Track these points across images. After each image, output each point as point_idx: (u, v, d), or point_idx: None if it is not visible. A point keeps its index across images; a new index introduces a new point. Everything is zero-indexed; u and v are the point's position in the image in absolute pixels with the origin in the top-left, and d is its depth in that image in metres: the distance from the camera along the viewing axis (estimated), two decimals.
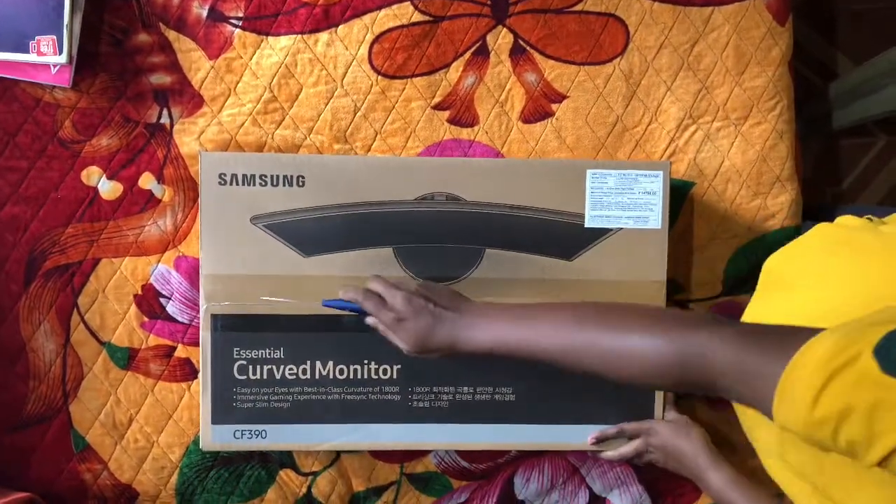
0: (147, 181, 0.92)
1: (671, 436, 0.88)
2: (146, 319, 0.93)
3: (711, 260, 1.00)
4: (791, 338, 0.48)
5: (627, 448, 0.92)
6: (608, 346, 0.61)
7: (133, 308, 0.92)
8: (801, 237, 0.76)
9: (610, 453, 0.93)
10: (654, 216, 0.90)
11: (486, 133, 0.97)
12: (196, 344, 0.91)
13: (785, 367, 0.46)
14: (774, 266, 0.75)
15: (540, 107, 0.98)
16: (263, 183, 0.86)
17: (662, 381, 0.59)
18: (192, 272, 0.92)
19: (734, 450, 0.97)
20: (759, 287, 0.77)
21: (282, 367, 0.88)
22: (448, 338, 0.71)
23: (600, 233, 0.89)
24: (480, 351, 0.70)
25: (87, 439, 0.93)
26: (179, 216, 0.93)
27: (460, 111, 0.97)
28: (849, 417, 0.42)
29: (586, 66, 0.98)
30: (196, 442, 0.92)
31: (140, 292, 0.92)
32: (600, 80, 0.98)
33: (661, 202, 0.89)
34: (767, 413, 0.48)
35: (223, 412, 0.88)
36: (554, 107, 0.98)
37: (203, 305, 0.87)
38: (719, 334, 0.54)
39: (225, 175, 0.86)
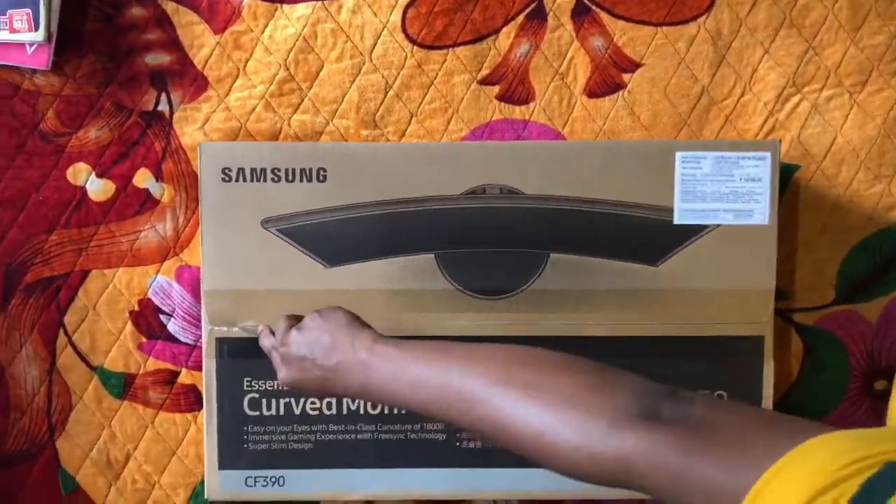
0: (143, 179, 0.83)
1: None
2: (144, 340, 0.84)
3: (821, 260, 0.87)
4: (754, 444, 0.42)
5: None
6: (506, 408, 0.52)
7: (129, 327, 0.84)
8: None
9: None
10: (759, 209, 0.77)
11: (544, 111, 0.85)
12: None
13: (746, 491, 0.39)
14: None
15: (608, 77, 0.85)
16: (277, 178, 0.76)
17: (581, 478, 0.50)
18: (196, 284, 0.83)
19: None
20: None
21: (302, 400, 0.79)
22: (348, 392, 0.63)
23: (693, 231, 0.77)
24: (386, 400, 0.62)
25: (78, 480, 0.84)
26: (181, 219, 0.84)
27: (512, 85, 0.85)
28: None
29: (664, 27, 0.85)
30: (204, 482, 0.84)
31: (137, 308, 0.84)
32: (682, 44, 0.85)
33: (769, 192, 0.77)
34: None
35: (232, 455, 0.79)
36: (626, 77, 0.85)
37: (206, 328, 0.78)
38: (652, 435, 0.46)
39: (230, 170, 0.76)
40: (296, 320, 0.67)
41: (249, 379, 0.78)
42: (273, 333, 0.69)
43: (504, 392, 0.52)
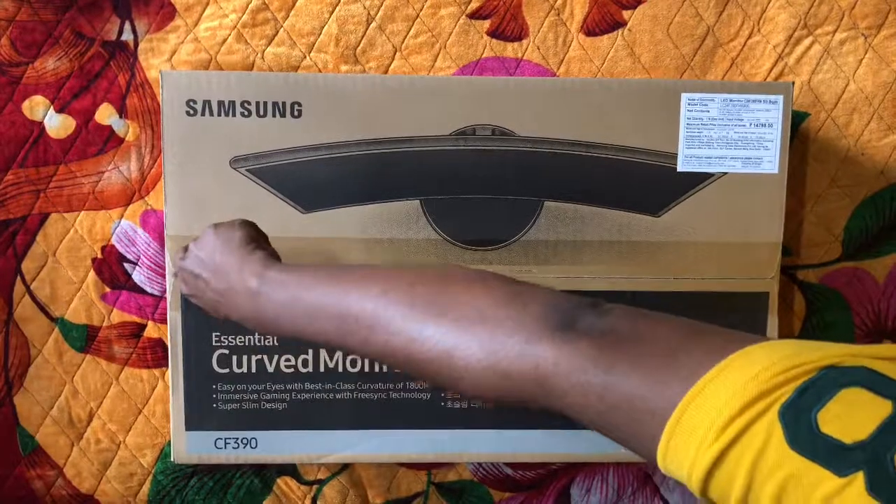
0: (106, 115, 0.77)
1: None
2: (108, 290, 0.78)
3: (828, 214, 0.81)
4: (683, 356, 0.39)
5: None
6: (410, 330, 0.47)
7: (91, 275, 0.78)
8: None
9: None
10: (768, 157, 0.71)
11: (538, 49, 0.78)
12: None
13: (675, 404, 0.37)
14: None
15: (607, 14, 0.79)
16: (247, 112, 0.69)
17: (490, 399, 0.46)
18: (163, 230, 0.76)
19: None
20: None
21: (276, 357, 0.73)
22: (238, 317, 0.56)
23: (698, 179, 0.71)
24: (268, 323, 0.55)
25: (37, 439, 0.79)
26: (147, 159, 0.77)
27: (504, 20, 0.78)
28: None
29: None
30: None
31: (100, 255, 0.78)
32: None
33: (780, 138, 0.71)
34: (646, 457, 0.40)
35: (200, 416, 0.73)
36: (626, 14, 0.78)
37: (170, 277, 0.71)
38: (570, 348, 0.42)
39: (195, 102, 0.69)
40: (221, 223, 0.61)
41: (218, 334, 0.71)
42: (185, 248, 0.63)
43: (407, 312, 0.46)
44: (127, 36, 0.76)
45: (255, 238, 0.58)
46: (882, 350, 0.36)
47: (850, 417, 0.33)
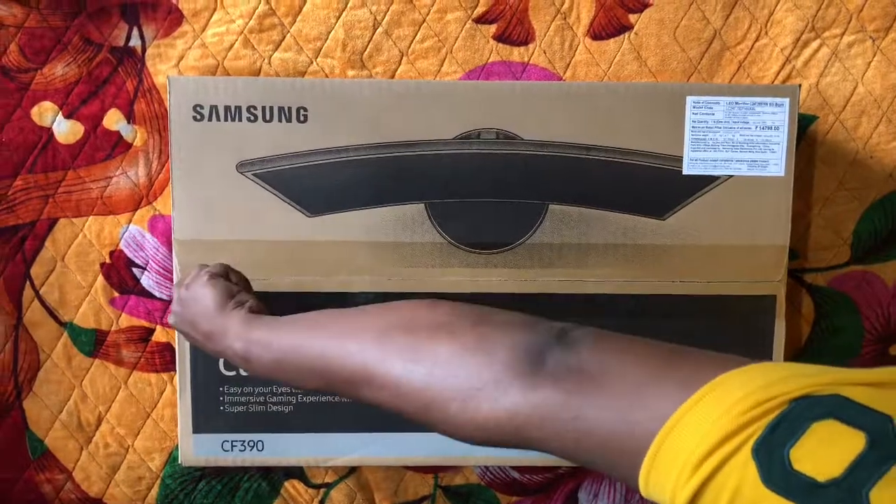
0: (114, 120, 0.77)
1: None
2: (116, 295, 0.78)
3: (836, 218, 0.80)
4: (652, 391, 0.38)
5: None
6: (391, 386, 0.47)
7: (100, 280, 0.78)
8: None
9: None
10: (775, 159, 0.70)
11: (545, 53, 0.78)
12: None
13: (650, 442, 0.37)
14: None
15: (614, 18, 0.78)
16: (253, 117, 0.69)
17: (463, 440, 0.47)
18: (170, 235, 0.76)
19: None
20: None
21: None
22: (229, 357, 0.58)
23: (703, 182, 0.71)
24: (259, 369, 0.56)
25: (47, 443, 0.79)
26: (155, 165, 0.77)
27: (510, 25, 0.78)
28: None
29: None
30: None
31: (108, 260, 0.78)
32: None
33: (786, 141, 0.70)
34: (634, 489, 0.39)
35: (208, 418, 0.73)
36: (632, 18, 0.78)
37: (177, 280, 0.71)
38: (537, 394, 0.42)
39: (202, 107, 0.69)
40: (182, 285, 0.62)
41: None
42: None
43: (384, 367, 0.47)
44: (135, 42, 0.76)
45: (230, 293, 0.59)
46: (860, 375, 0.36)
47: (822, 453, 0.32)
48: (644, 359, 0.41)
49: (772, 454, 0.33)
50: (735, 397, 0.35)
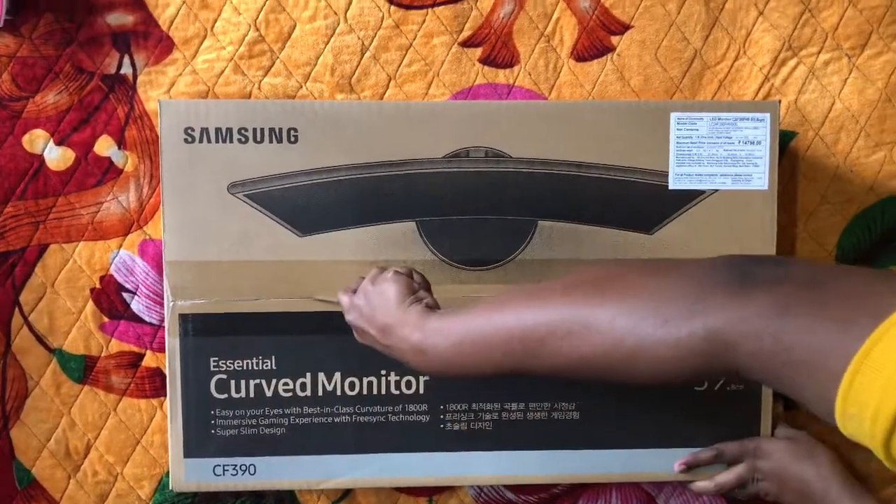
0: (105, 146, 0.77)
1: (789, 458, 0.71)
2: (106, 320, 0.78)
3: (820, 231, 0.81)
4: (870, 296, 0.37)
5: (728, 476, 0.73)
6: (581, 328, 0.46)
7: (90, 305, 0.77)
8: None
9: (703, 484, 0.75)
10: (758, 173, 0.72)
11: (529, 75, 0.79)
12: None
13: (862, 341, 0.34)
14: None
15: (597, 40, 0.79)
16: (244, 139, 0.70)
17: (670, 377, 0.44)
18: (160, 259, 0.76)
19: (861, 478, 0.78)
20: None
21: (273, 381, 0.72)
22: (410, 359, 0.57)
23: (688, 196, 0.72)
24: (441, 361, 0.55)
25: (34, 473, 0.78)
26: (145, 190, 0.77)
27: (496, 48, 0.79)
28: None
29: None
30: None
31: (98, 286, 0.77)
32: (672, 5, 0.79)
33: (768, 155, 0.72)
34: (819, 406, 0.37)
35: (199, 442, 0.72)
36: (614, 40, 0.79)
37: (168, 302, 0.71)
38: (745, 300, 0.40)
39: (193, 129, 0.70)
40: (368, 278, 0.62)
41: (217, 358, 0.71)
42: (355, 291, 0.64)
43: (570, 314, 0.46)
44: (126, 69, 0.76)
45: (411, 289, 0.59)
46: None
47: None
48: (857, 275, 0.41)
49: None
50: None
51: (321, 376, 0.72)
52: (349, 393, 0.72)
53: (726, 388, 0.73)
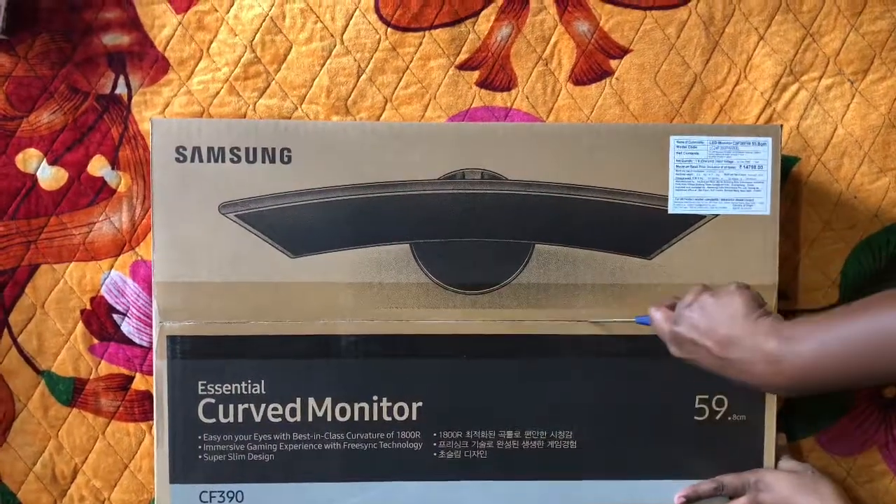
0: (98, 167, 0.77)
1: (792, 491, 0.69)
2: (96, 342, 0.77)
3: (823, 258, 0.80)
4: None
5: None
6: None
7: (80, 327, 0.76)
8: None
9: None
10: (760, 198, 0.71)
11: (527, 98, 0.79)
12: None
13: None
14: None
15: (595, 64, 0.79)
16: (236, 158, 0.69)
17: None
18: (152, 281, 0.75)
19: None
20: None
21: (263, 406, 0.71)
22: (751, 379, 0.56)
23: (689, 221, 0.71)
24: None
25: (19, 497, 0.77)
26: (138, 210, 0.77)
27: (493, 71, 0.79)
28: None
29: (654, 11, 0.79)
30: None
31: (89, 307, 0.76)
32: (672, 29, 0.79)
33: (770, 180, 0.71)
34: None
35: (185, 468, 0.70)
36: (613, 64, 0.79)
37: (157, 324, 0.70)
38: None
39: (185, 148, 0.69)
40: (705, 291, 0.61)
41: (205, 382, 0.69)
42: (670, 307, 0.64)
43: None
44: (121, 90, 0.76)
45: (758, 302, 0.58)
46: None
47: None
48: None
49: None
50: None
51: (311, 401, 0.70)
52: (340, 419, 0.70)
53: (728, 418, 0.71)
